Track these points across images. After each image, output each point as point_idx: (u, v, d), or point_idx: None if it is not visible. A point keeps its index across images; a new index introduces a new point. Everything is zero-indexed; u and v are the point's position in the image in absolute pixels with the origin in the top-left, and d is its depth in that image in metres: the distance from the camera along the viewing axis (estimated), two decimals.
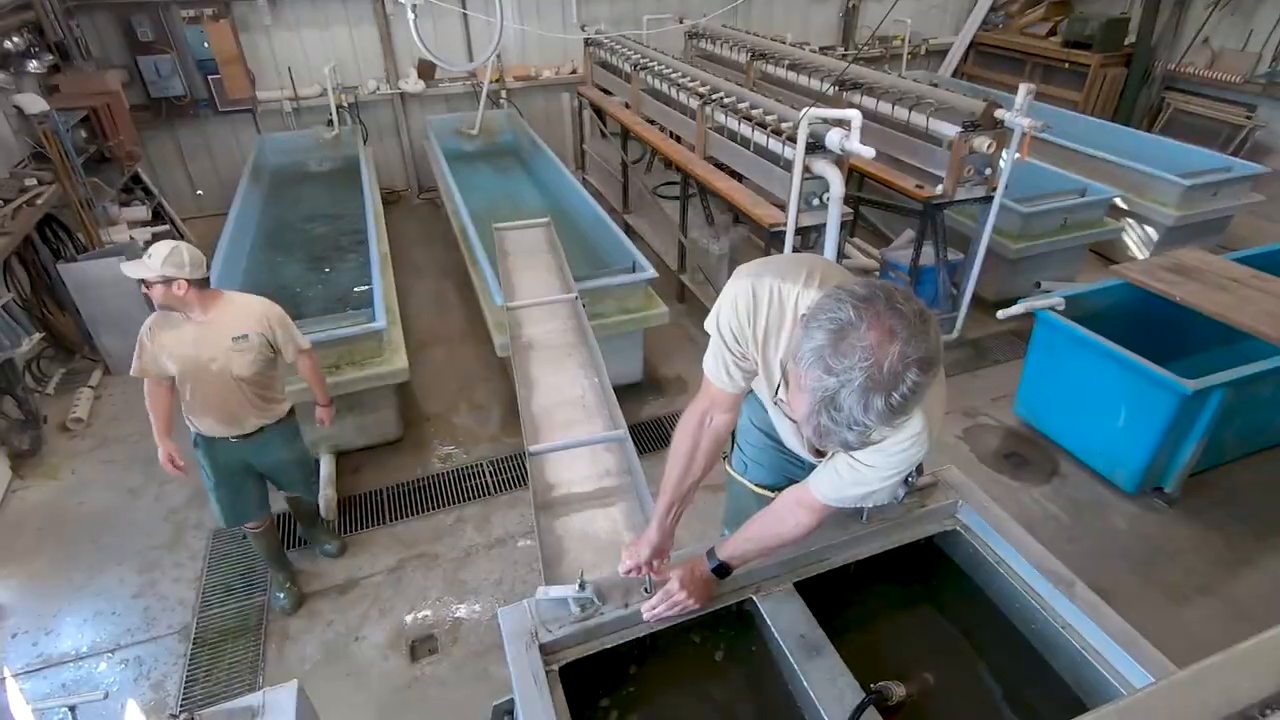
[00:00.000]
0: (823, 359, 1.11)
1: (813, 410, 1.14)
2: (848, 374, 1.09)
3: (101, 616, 3.19)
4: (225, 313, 2.70)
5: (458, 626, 3.10)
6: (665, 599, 1.52)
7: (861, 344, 1.09)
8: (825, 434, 1.15)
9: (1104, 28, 7.53)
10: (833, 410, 1.12)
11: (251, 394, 2.80)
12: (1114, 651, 1.37)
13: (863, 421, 1.11)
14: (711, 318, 1.60)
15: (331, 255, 5.28)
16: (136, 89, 6.23)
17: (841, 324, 1.11)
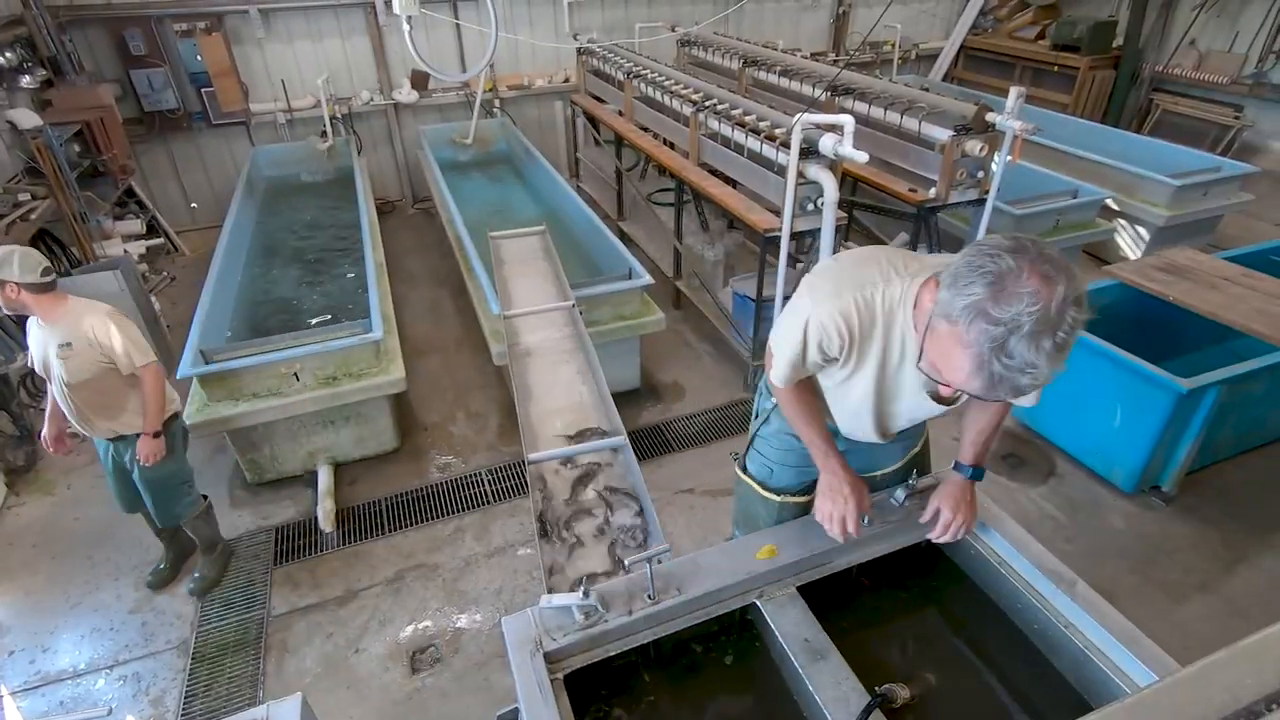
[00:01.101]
0: (985, 311, 1.15)
1: (981, 363, 1.18)
2: (1015, 320, 1.13)
3: (99, 633, 3.17)
4: (61, 319, 2.73)
5: (458, 637, 3.09)
6: (945, 529, 1.68)
7: (1025, 290, 1.13)
8: (998, 383, 1.19)
9: (1092, 31, 7.60)
10: (1004, 358, 1.15)
11: (89, 401, 2.83)
12: (1116, 649, 1.37)
13: (1036, 363, 1.15)
14: (785, 341, 1.62)
15: (327, 266, 5.28)
16: (130, 103, 6.23)
17: (1000, 274, 1.16)
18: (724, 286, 4.89)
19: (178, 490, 3.13)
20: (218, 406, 3.54)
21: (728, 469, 3.91)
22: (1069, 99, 7.91)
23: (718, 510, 3.68)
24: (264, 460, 3.83)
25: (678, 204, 5.02)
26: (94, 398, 2.82)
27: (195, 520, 3.26)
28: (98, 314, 2.76)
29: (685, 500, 3.75)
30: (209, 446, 4.11)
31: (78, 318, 2.73)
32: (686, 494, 3.79)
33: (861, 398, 1.66)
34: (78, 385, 2.77)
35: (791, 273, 4.13)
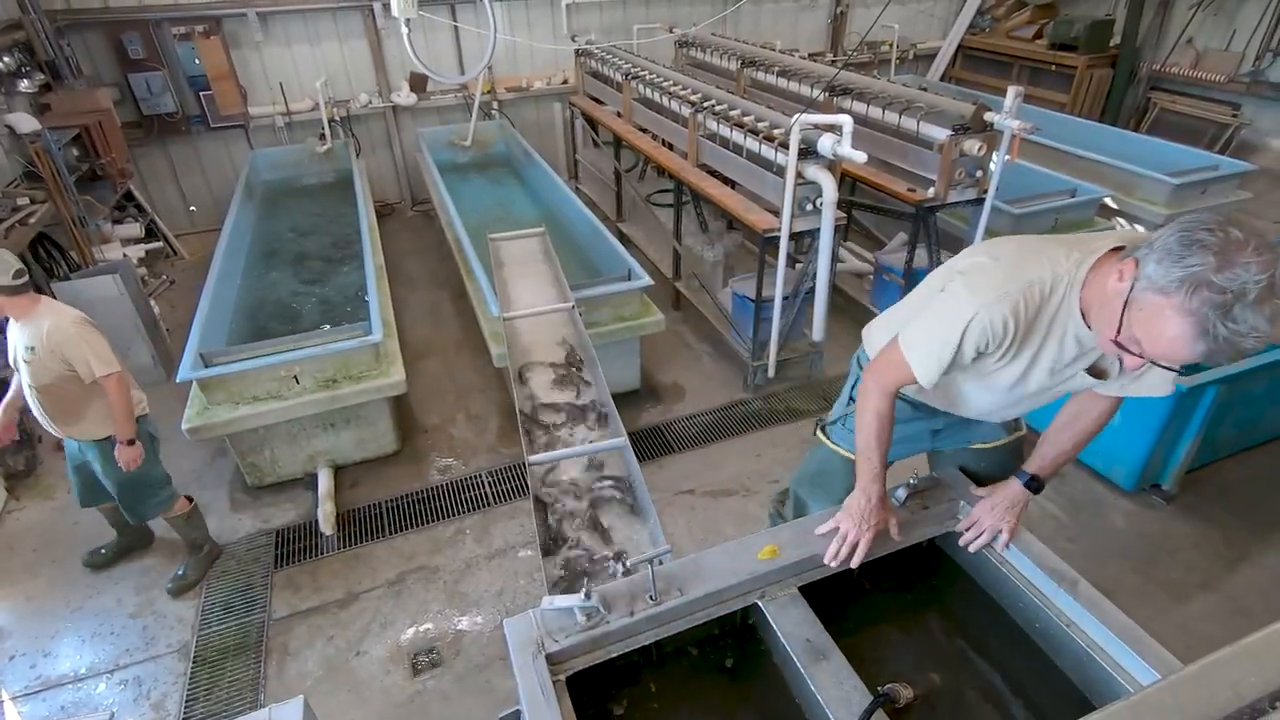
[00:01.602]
0: (1209, 280, 1.21)
1: (1205, 329, 1.24)
2: (1242, 287, 1.20)
3: (99, 637, 3.16)
4: (31, 322, 2.76)
5: (459, 639, 3.09)
6: (977, 532, 1.70)
7: (1254, 260, 1.20)
8: (1222, 347, 1.25)
9: (1089, 30, 7.60)
10: (1229, 323, 1.22)
11: (52, 405, 2.87)
12: (1118, 648, 1.37)
13: (1262, 328, 1.22)
14: (937, 340, 1.61)
15: (326, 268, 5.28)
16: (128, 106, 6.23)
17: (1224, 245, 1.23)
18: (723, 287, 4.89)
19: (145, 493, 3.15)
20: (218, 410, 3.53)
21: (728, 469, 3.94)
22: (1067, 98, 7.91)
23: (718, 511, 3.68)
24: (264, 463, 3.83)
25: (677, 205, 5.02)
26: (56, 402, 2.86)
27: (176, 521, 3.30)
28: (64, 321, 2.75)
29: (686, 501, 3.75)
30: (209, 450, 4.11)
31: (39, 322, 2.75)
32: (687, 495, 3.79)
33: (1007, 384, 1.69)
34: (41, 388, 2.82)
35: (791, 273, 4.14)
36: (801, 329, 4.50)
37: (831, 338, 4.56)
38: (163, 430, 3.28)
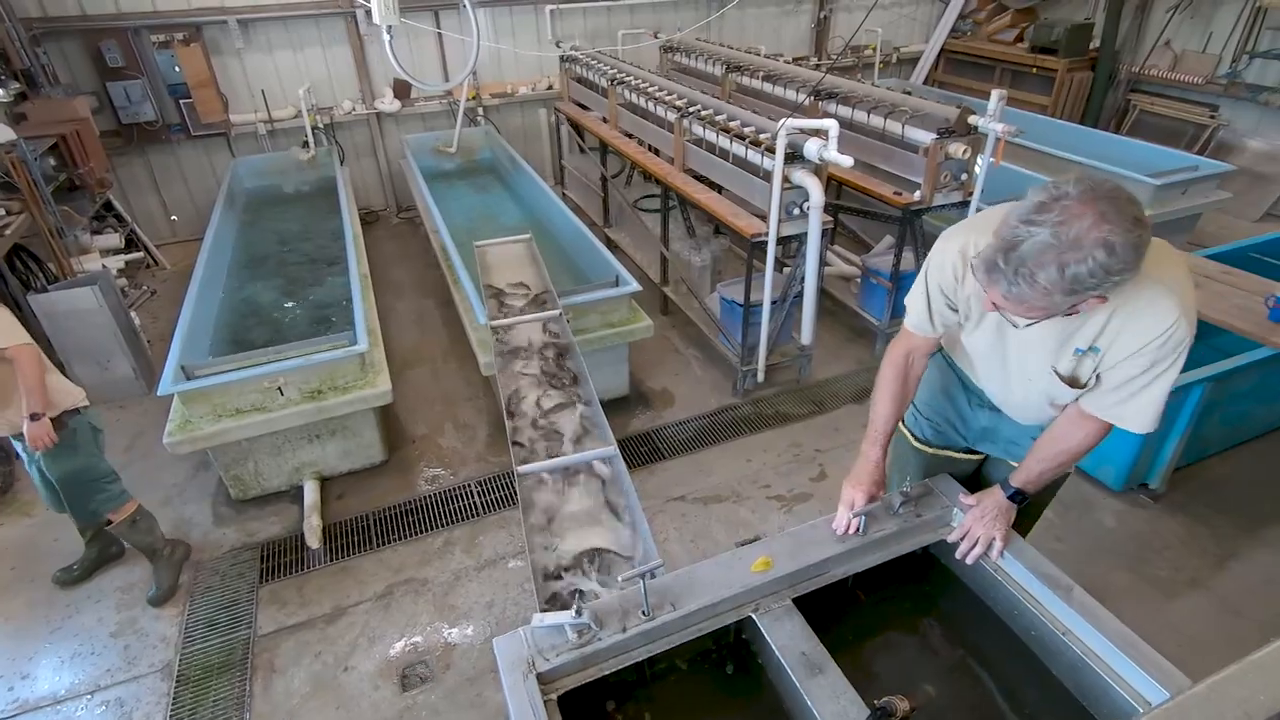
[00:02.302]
0: (1025, 213, 1.28)
1: (994, 253, 1.32)
2: (1038, 228, 1.26)
3: (80, 657, 3.09)
4: None
5: (449, 652, 3.05)
6: (970, 543, 1.69)
7: (1064, 208, 1.25)
8: (994, 279, 1.34)
9: (1069, 33, 7.68)
10: (1010, 254, 1.29)
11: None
12: (1115, 656, 1.36)
13: (1029, 272, 1.28)
14: (920, 278, 1.76)
15: (310, 277, 5.22)
16: (106, 115, 6.15)
17: (1057, 193, 1.27)
18: (711, 292, 4.88)
19: (89, 488, 3.06)
20: (200, 423, 3.47)
21: (718, 475, 3.92)
22: (1048, 100, 7.99)
23: (709, 518, 3.66)
24: (248, 476, 3.76)
25: (664, 210, 5.01)
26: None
27: (121, 526, 3.20)
28: None
29: (677, 508, 3.72)
30: (191, 463, 4.04)
31: None
32: (678, 501, 3.76)
33: (985, 347, 1.74)
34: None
35: (779, 277, 4.13)
36: (790, 333, 4.50)
37: (820, 342, 4.56)
38: (144, 444, 3.22)
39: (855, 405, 4.44)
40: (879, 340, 4.82)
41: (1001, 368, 1.77)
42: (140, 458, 4.12)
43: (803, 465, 3.98)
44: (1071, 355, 1.60)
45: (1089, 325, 1.54)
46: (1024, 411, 1.86)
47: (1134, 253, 1.27)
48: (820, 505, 3.70)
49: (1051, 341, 1.61)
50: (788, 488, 3.83)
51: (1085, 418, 1.67)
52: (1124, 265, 1.27)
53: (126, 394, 4.62)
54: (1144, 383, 1.55)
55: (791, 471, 3.93)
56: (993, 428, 2.00)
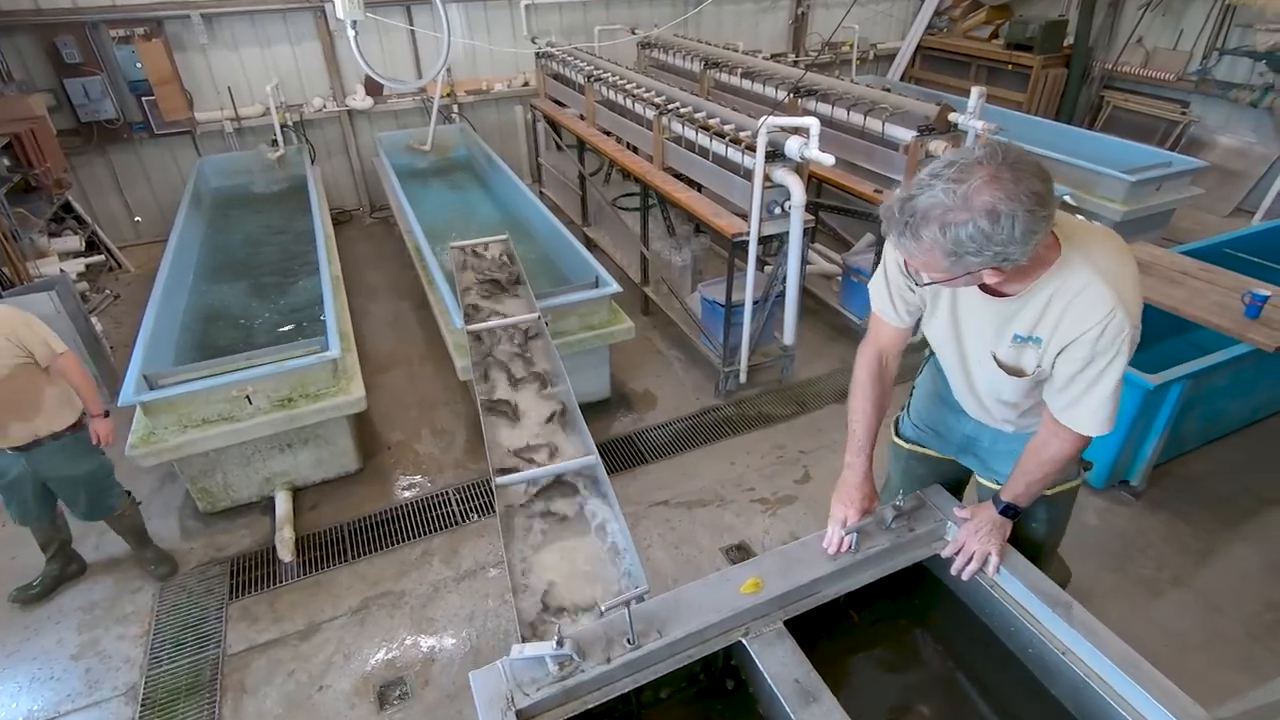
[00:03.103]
0: (934, 168, 1.30)
1: (895, 201, 1.33)
2: (937, 183, 1.27)
3: (38, 682, 2.95)
4: None
5: (428, 667, 2.96)
6: (965, 558, 1.65)
7: (964, 168, 1.26)
8: (889, 226, 1.36)
9: (1043, 30, 7.73)
10: (906, 204, 1.31)
11: (7, 404, 2.74)
12: (1117, 676, 1.32)
13: (916, 226, 1.30)
14: (881, 259, 1.78)
15: (280, 280, 5.07)
16: (64, 113, 5.92)
17: (967, 155, 1.30)
18: (692, 292, 4.82)
19: (106, 483, 3.14)
20: (165, 434, 3.34)
21: (702, 478, 3.87)
22: (1023, 97, 8.03)
23: (693, 522, 3.60)
24: (216, 488, 3.63)
25: (643, 209, 4.94)
26: (11, 398, 2.74)
27: (131, 513, 3.27)
28: (5, 310, 2.73)
29: (660, 513, 3.66)
30: (157, 475, 3.90)
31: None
32: (661, 506, 3.70)
33: (942, 340, 1.72)
34: (9, 381, 2.70)
35: (760, 276, 4.08)
36: (772, 333, 4.45)
37: (802, 341, 4.52)
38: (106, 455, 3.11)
39: (838, 405, 4.41)
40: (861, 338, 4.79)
41: (957, 358, 1.75)
42: None
43: (787, 467, 3.94)
44: (1010, 342, 1.58)
45: (1026, 310, 1.52)
46: (981, 410, 1.83)
47: (1022, 227, 1.26)
48: (805, 508, 3.66)
49: (991, 326, 1.59)
50: (772, 490, 3.78)
51: (1056, 427, 1.65)
52: (1007, 238, 1.26)
53: None
54: (1088, 380, 1.53)
55: (776, 474, 3.89)
56: (975, 438, 1.97)
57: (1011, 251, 1.29)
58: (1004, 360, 1.62)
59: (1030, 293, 1.50)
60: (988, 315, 1.60)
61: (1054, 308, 1.49)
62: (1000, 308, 1.56)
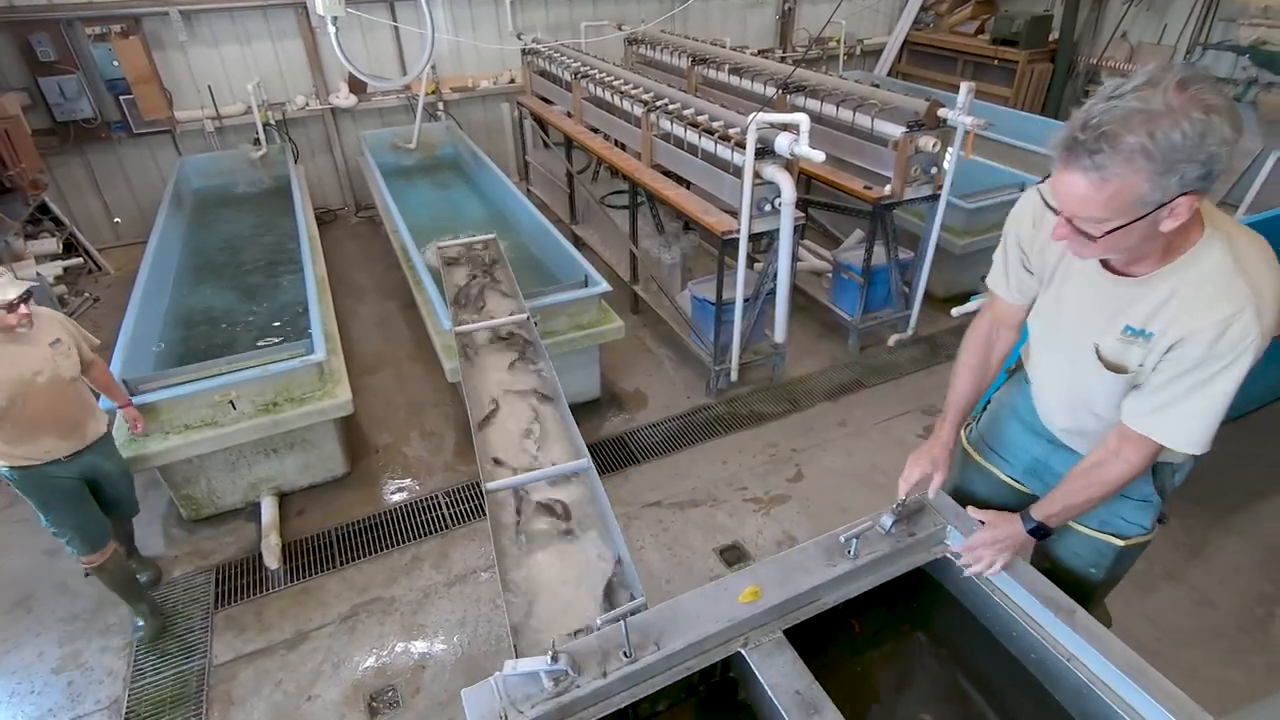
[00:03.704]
0: (1106, 93, 1.19)
1: (1071, 128, 1.20)
2: (1123, 99, 1.15)
3: (18, 697, 2.88)
4: (38, 321, 2.59)
5: (419, 675, 2.91)
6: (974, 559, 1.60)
7: (1147, 81, 1.15)
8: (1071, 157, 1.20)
9: (1029, 25, 7.75)
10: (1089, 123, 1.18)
11: (78, 402, 2.72)
12: (1121, 682, 1.30)
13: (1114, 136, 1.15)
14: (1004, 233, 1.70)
15: (264, 281, 4.99)
16: (40, 113, 5.80)
17: (1138, 76, 1.17)
18: (682, 290, 4.79)
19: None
20: (146, 441, 3.27)
21: (694, 478, 3.84)
22: (1010, 92, 8.05)
23: (686, 523, 3.57)
24: (200, 495, 3.57)
25: (632, 207, 4.89)
26: (79, 395, 2.72)
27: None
28: (48, 310, 2.71)
29: (653, 514, 3.63)
30: (139, 482, 3.74)
31: (44, 315, 2.62)
32: (654, 507, 3.67)
33: (1043, 329, 1.62)
34: (70, 382, 2.66)
35: (750, 274, 4.05)
36: (762, 331, 4.43)
37: (792, 339, 4.51)
38: None
39: (829, 403, 4.40)
40: (852, 335, 4.79)
41: (1054, 352, 1.63)
42: None
43: (779, 466, 3.92)
44: (1119, 334, 1.43)
45: (1147, 298, 1.37)
46: (1070, 417, 1.68)
47: (1233, 128, 1.14)
48: (798, 507, 3.64)
49: (1102, 313, 1.45)
50: (765, 490, 3.76)
51: (1124, 439, 1.49)
52: (1222, 138, 1.13)
53: None
54: (1192, 383, 1.35)
55: (768, 473, 3.87)
56: (1045, 461, 1.83)
57: (1221, 155, 1.15)
58: (1106, 355, 1.46)
59: (1157, 277, 1.35)
60: (1101, 299, 1.45)
61: (1177, 300, 1.34)
62: (1118, 291, 1.41)
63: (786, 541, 3.45)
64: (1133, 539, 1.74)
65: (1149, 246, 1.33)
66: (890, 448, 4.03)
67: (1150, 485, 1.69)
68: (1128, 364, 1.44)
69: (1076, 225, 1.28)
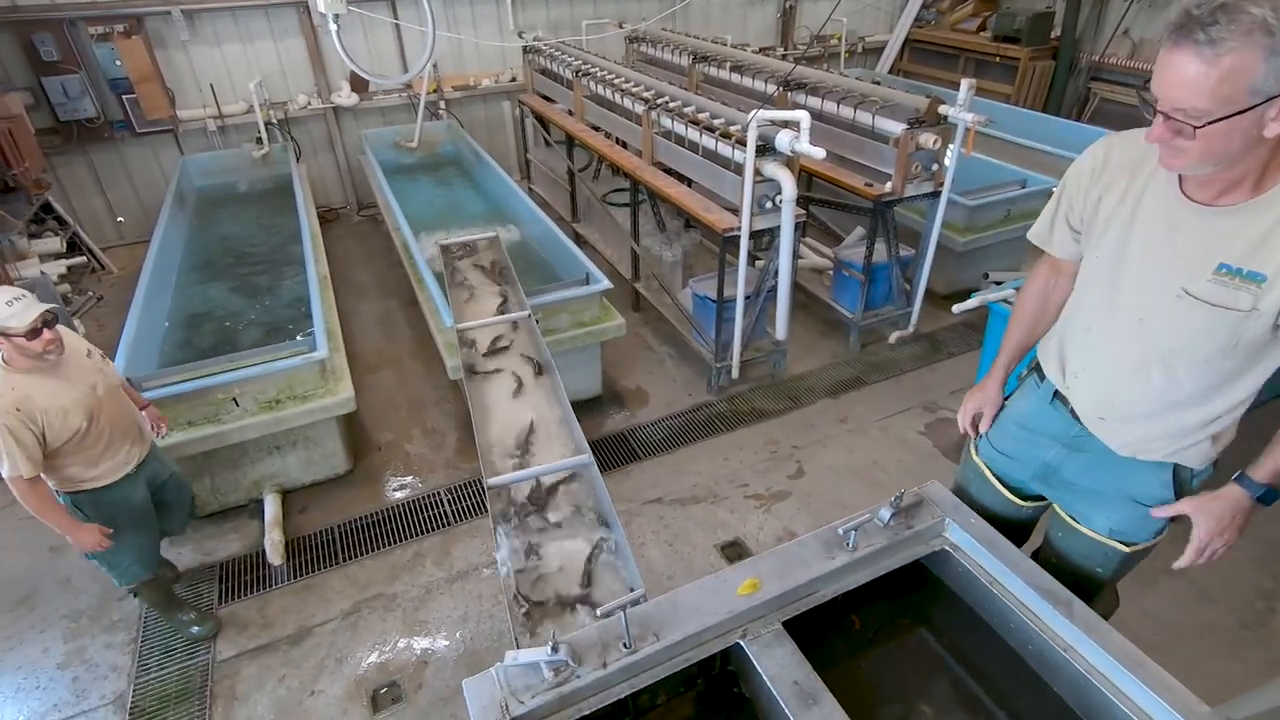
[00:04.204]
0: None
1: (1184, 8, 1.15)
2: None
3: (23, 692, 2.90)
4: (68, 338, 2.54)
5: (421, 670, 2.93)
6: (1198, 553, 1.59)
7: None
8: (1184, 33, 1.16)
9: (1031, 22, 7.74)
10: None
11: (129, 407, 2.67)
12: (1118, 673, 1.31)
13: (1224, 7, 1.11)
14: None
15: (266, 280, 5.01)
16: (43, 112, 5.82)
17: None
18: (683, 287, 4.79)
19: None
20: None
21: (695, 475, 3.85)
22: (1011, 89, 8.04)
23: (687, 519, 3.58)
24: (204, 492, 3.58)
25: (633, 204, 4.90)
26: (127, 405, 2.65)
27: None
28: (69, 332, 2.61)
29: (654, 510, 3.64)
30: None
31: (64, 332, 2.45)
32: (655, 503, 3.68)
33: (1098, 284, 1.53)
34: (119, 386, 2.64)
35: (752, 271, 4.06)
36: (764, 328, 4.44)
37: (793, 336, 4.51)
38: None
39: (830, 399, 4.40)
40: (853, 333, 4.79)
41: (1111, 304, 1.49)
42: None
43: (780, 462, 3.92)
44: (1214, 274, 1.28)
45: (1246, 230, 1.25)
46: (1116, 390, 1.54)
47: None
48: (799, 503, 3.65)
49: (1186, 253, 1.31)
50: (766, 486, 3.77)
51: None
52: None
53: None
54: None
55: (769, 469, 3.88)
56: (1056, 467, 1.77)
57: None
58: (1202, 296, 1.30)
59: (1255, 206, 1.23)
60: (1184, 238, 1.32)
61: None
62: (1206, 225, 1.28)
63: (787, 537, 3.45)
64: (1138, 546, 1.74)
65: (1246, 164, 1.23)
66: (891, 445, 4.04)
67: (1171, 491, 1.67)
68: (1235, 305, 1.29)
69: (1175, 122, 1.20)
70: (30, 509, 2.35)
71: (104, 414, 2.47)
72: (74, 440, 2.38)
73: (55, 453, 2.35)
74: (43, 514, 2.38)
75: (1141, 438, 1.60)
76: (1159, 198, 1.38)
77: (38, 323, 2.22)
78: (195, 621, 3.05)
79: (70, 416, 2.34)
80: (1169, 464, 1.63)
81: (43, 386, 2.30)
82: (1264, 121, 1.16)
